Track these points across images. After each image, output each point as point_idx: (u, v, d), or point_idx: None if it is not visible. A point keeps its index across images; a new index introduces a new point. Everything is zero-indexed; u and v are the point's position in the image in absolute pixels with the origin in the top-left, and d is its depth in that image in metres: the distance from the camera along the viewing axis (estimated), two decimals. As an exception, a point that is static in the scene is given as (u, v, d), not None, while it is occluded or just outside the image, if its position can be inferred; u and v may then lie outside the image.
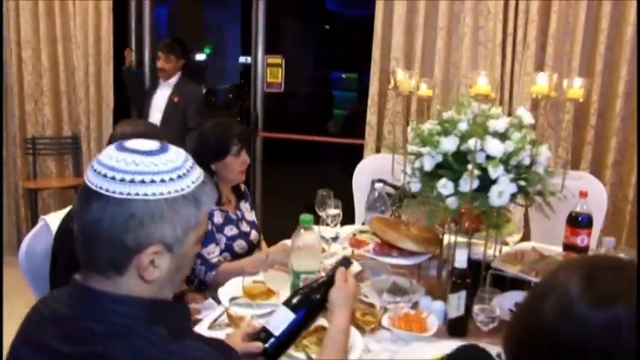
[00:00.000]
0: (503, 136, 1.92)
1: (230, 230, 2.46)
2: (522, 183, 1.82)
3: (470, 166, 1.81)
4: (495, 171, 1.79)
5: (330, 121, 5.88)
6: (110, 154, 0.99)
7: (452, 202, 1.84)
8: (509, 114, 3.14)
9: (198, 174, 1.03)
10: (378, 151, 3.74)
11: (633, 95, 3.24)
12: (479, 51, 3.40)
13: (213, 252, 2.33)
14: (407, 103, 3.25)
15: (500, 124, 1.90)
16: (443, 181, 1.87)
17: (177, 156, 1.01)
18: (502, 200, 1.81)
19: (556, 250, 2.16)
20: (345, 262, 1.57)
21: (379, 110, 3.70)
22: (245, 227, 2.54)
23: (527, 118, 1.91)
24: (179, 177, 0.98)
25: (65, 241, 1.58)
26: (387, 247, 1.99)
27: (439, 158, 1.90)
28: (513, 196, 1.85)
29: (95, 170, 0.97)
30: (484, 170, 1.83)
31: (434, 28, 3.47)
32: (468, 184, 1.83)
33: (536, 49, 3.28)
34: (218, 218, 2.42)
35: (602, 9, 3.19)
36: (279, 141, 4.27)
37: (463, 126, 1.90)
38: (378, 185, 2.37)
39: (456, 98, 2.14)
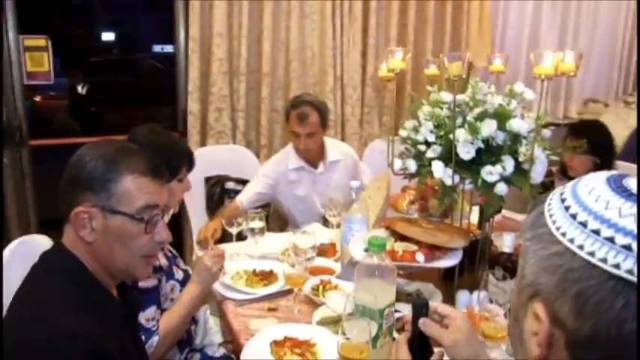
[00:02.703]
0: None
1: (177, 272, 1.85)
2: (554, 157, 1.84)
3: (522, 148, 1.74)
4: (537, 149, 1.77)
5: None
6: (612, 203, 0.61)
7: (502, 189, 1.75)
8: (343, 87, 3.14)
9: None
10: (203, 143, 3.23)
11: (443, 65, 3.59)
12: (306, 24, 3.22)
13: (153, 318, 1.69)
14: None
15: (512, 103, 1.87)
16: (488, 167, 1.75)
17: None
18: (540, 177, 1.81)
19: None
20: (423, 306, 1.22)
21: (202, 96, 3.17)
22: (182, 264, 1.94)
23: (529, 94, 1.91)
24: None
25: None
26: (431, 251, 1.77)
27: (479, 144, 1.76)
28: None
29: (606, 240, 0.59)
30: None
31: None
32: (508, 167, 1.76)
33: (361, 21, 3.30)
34: (163, 260, 1.78)
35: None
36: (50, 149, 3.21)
37: (490, 108, 1.81)
38: (355, 184, 2.06)
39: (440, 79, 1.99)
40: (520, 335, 0.72)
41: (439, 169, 1.78)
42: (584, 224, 0.62)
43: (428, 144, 1.86)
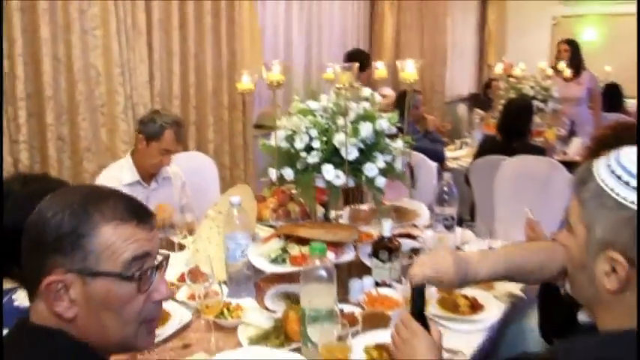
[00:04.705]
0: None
1: None
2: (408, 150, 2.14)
3: (396, 144, 1.99)
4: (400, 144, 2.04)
5: None
6: None
7: (381, 181, 1.97)
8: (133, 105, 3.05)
9: None
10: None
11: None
12: (88, 40, 2.93)
13: None
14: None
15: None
16: (369, 164, 1.95)
17: None
18: (403, 167, 2.09)
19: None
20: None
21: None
22: None
23: (379, 97, 2.16)
24: None
25: None
26: (337, 248, 1.89)
27: (360, 145, 1.94)
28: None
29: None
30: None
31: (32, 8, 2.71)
32: (379, 163, 1.99)
33: (146, 36, 3.15)
34: None
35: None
36: None
37: (358, 111, 2.00)
38: (235, 199, 2.01)
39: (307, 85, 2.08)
40: (590, 278, 0.94)
41: (330, 172, 1.90)
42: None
43: (308, 150, 1.96)
